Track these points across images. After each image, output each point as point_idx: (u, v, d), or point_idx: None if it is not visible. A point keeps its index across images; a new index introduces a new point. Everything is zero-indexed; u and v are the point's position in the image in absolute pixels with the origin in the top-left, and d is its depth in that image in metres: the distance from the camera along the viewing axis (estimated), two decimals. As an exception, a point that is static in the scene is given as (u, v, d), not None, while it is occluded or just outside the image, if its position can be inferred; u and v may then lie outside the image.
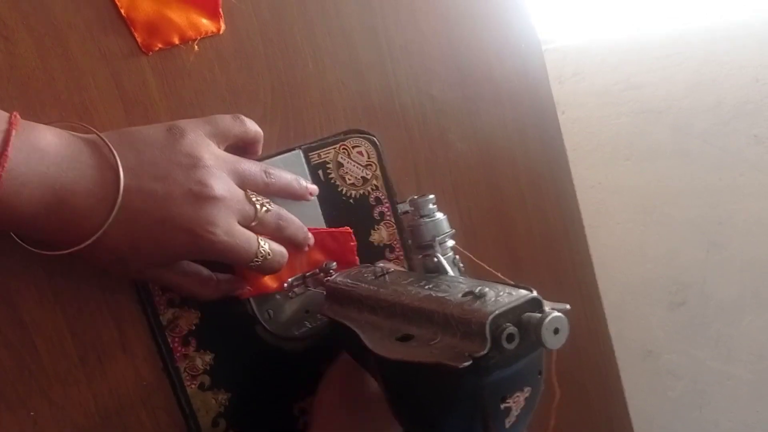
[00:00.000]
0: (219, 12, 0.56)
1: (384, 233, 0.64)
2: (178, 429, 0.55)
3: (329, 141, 0.61)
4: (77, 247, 0.43)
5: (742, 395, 0.91)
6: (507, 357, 0.37)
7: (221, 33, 0.56)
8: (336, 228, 0.60)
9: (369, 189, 0.63)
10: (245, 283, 0.55)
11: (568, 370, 0.80)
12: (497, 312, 0.37)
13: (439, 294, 0.42)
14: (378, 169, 0.63)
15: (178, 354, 0.54)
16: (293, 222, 0.54)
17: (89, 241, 0.43)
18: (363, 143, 0.63)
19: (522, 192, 0.75)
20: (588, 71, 0.97)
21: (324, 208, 0.60)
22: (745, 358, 0.89)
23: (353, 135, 0.62)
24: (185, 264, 0.51)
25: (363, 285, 0.50)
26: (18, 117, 0.41)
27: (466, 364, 0.36)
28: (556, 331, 0.36)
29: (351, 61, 0.63)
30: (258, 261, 0.50)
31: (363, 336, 0.44)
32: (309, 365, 0.60)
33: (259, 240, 0.50)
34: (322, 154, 0.61)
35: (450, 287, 0.44)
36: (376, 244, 0.64)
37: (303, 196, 0.56)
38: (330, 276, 0.56)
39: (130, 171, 0.44)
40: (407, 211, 0.61)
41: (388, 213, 0.64)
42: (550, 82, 0.78)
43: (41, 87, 0.49)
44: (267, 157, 0.57)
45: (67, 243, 0.43)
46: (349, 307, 0.50)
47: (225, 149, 0.51)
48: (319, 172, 0.60)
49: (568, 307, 0.39)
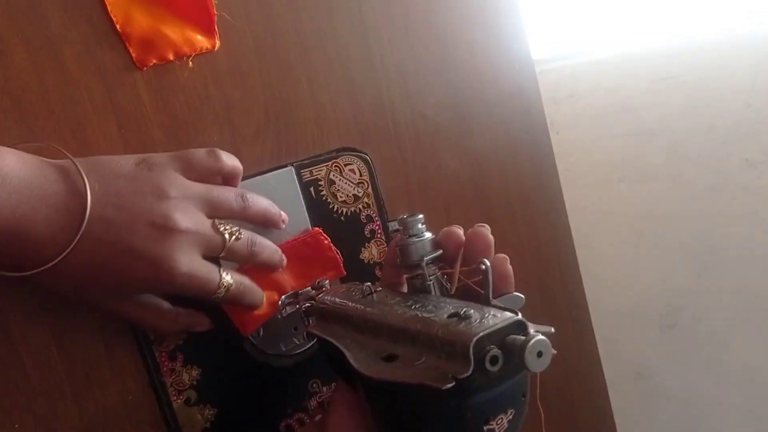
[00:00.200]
0: (214, 29, 0.56)
1: (375, 251, 0.64)
2: (163, 444, 0.55)
3: (322, 158, 0.61)
4: (33, 271, 0.42)
5: (732, 419, 0.91)
6: (491, 379, 0.37)
7: (216, 50, 0.56)
8: (304, 234, 0.60)
9: (360, 207, 0.63)
10: (234, 321, 0.54)
11: (557, 391, 0.80)
12: (481, 334, 0.37)
13: (425, 314, 0.42)
14: (370, 187, 0.64)
15: (164, 369, 0.54)
16: (267, 246, 0.54)
17: (45, 267, 0.42)
18: (355, 161, 0.63)
19: (514, 212, 0.75)
20: (583, 93, 0.98)
21: (315, 224, 0.60)
22: (736, 382, 0.89)
23: (346, 153, 0.63)
24: (144, 296, 0.50)
25: (350, 304, 0.50)
26: None
27: (449, 385, 0.36)
28: (539, 354, 0.36)
29: (345, 80, 0.63)
30: (221, 293, 0.49)
31: (348, 355, 0.44)
32: (296, 382, 0.60)
33: (221, 271, 0.50)
34: (314, 171, 0.61)
35: (436, 308, 0.43)
36: (366, 261, 0.64)
37: (276, 223, 0.56)
38: (322, 292, 0.57)
39: (94, 200, 0.43)
40: (398, 229, 0.61)
41: (379, 231, 0.64)
42: (544, 102, 0.78)
43: (35, 100, 0.49)
44: (259, 174, 0.58)
45: (24, 267, 0.42)
46: (336, 326, 0.50)
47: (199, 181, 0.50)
48: (311, 189, 0.61)
49: (552, 330, 0.40)
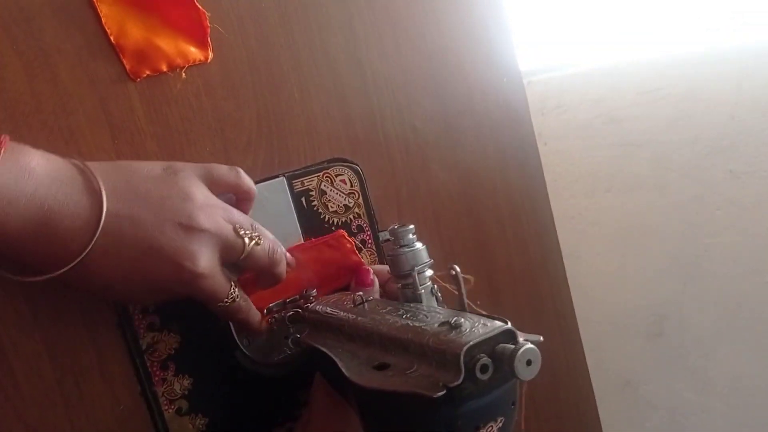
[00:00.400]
0: (207, 41, 0.57)
1: (366, 260, 0.65)
2: (154, 454, 0.55)
3: (313, 169, 0.62)
4: (60, 271, 0.43)
5: (718, 427, 0.92)
6: (481, 387, 0.38)
7: (209, 61, 0.57)
8: (328, 235, 0.61)
9: (351, 217, 0.64)
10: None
11: (545, 399, 0.80)
12: (471, 343, 0.37)
13: (416, 323, 0.43)
14: (360, 198, 0.64)
15: (156, 378, 0.54)
16: (282, 260, 0.55)
17: (72, 265, 0.43)
18: (346, 172, 0.64)
19: (502, 222, 0.76)
20: (570, 104, 0.99)
21: (306, 235, 0.61)
22: (721, 390, 0.90)
23: (337, 163, 0.63)
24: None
25: (342, 313, 0.50)
26: (7, 138, 0.41)
27: (440, 393, 0.36)
28: (528, 363, 0.37)
29: (336, 91, 0.64)
30: (227, 302, 0.51)
31: (340, 364, 0.44)
32: (287, 391, 0.60)
33: (232, 283, 0.51)
34: (305, 181, 0.61)
35: (427, 317, 0.44)
36: (357, 271, 0.64)
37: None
38: (310, 302, 0.57)
39: (121, 198, 0.45)
40: (388, 240, 0.62)
41: (369, 241, 0.65)
42: (532, 113, 0.79)
43: (29, 111, 0.49)
44: (251, 184, 0.58)
45: (51, 266, 0.44)
46: (328, 335, 0.51)
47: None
48: (303, 199, 0.61)
49: (540, 339, 0.40)
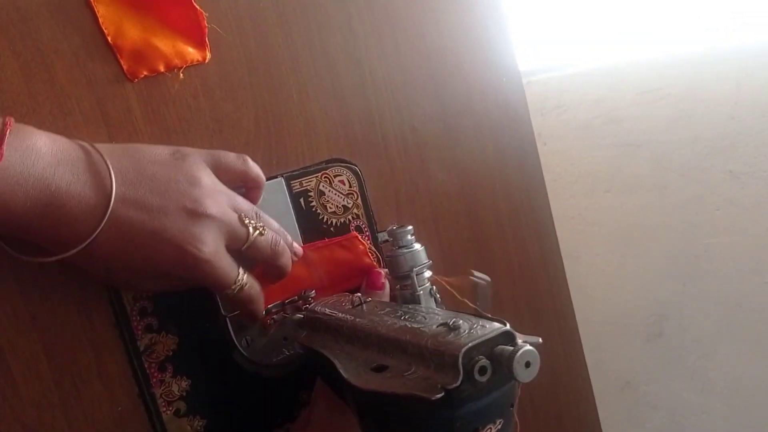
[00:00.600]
0: (205, 41, 0.56)
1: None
2: (152, 455, 0.55)
3: (311, 169, 0.62)
4: (68, 253, 0.44)
5: (718, 427, 0.92)
6: (479, 389, 0.38)
7: (207, 62, 0.57)
8: (342, 236, 0.61)
9: (350, 217, 0.64)
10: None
11: (545, 401, 0.80)
12: (470, 345, 0.37)
13: (414, 325, 0.43)
14: (359, 198, 0.64)
15: (154, 380, 0.54)
16: (286, 252, 0.55)
17: (81, 247, 0.43)
18: (345, 172, 0.63)
19: (501, 223, 0.76)
20: (570, 104, 0.99)
21: (305, 235, 0.61)
22: (720, 390, 0.90)
23: (335, 164, 0.63)
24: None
25: (340, 314, 0.50)
26: (12, 119, 0.41)
27: (438, 396, 0.36)
28: (527, 365, 0.37)
29: (335, 92, 0.64)
30: (235, 289, 0.50)
31: (339, 365, 0.44)
32: (286, 392, 0.60)
33: (240, 269, 0.51)
34: (304, 182, 0.61)
35: (425, 318, 0.44)
36: (356, 272, 0.64)
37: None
38: (309, 303, 0.57)
39: (128, 182, 0.45)
40: (387, 240, 0.61)
41: (368, 241, 0.65)
42: (532, 113, 0.79)
43: (26, 112, 0.49)
44: (249, 185, 0.58)
45: (60, 247, 0.44)
46: (326, 336, 0.51)
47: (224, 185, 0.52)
48: (301, 200, 0.61)
49: (539, 341, 0.40)
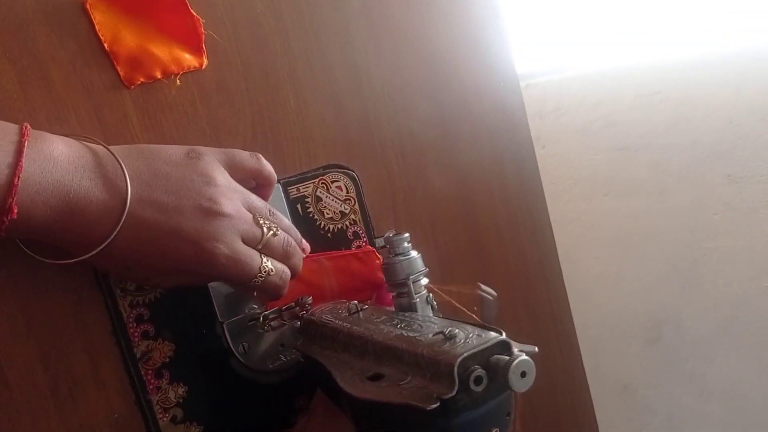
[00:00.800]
0: (202, 47, 0.56)
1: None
2: (148, 462, 0.55)
3: (308, 175, 0.62)
4: (87, 255, 0.45)
5: (716, 431, 0.92)
6: (475, 399, 0.38)
7: (203, 68, 0.57)
8: (359, 249, 0.62)
9: (347, 223, 0.64)
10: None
11: (543, 405, 0.80)
12: (465, 354, 0.37)
13: (410, 333, 0.43)
14: (356, 204, 0.64)
15: (151, 386, 0.54)
16: (298, 252, 0.55)
17: (99, 249, 0.44)
18: (342, 178, 0.63)
19: (499, 226, 0.76)
20: (568, 107, 0.99)
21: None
22: (719, 395, 0.90)
23: (332, 170, 0.63)
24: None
25: (337, 322, 0.50)
26: (29, 127, 0.42)
27: (434, 405, 0.36)
28: (523, 375, 0.36)
29: (332, 97, 0.64)
30: (261, 278, 0.50)
31: (334, 374, 0.44)
32: (283, 399, 0.60)
33: (262, 257, 0.51)
34: (301, 188, 0.61)
35: (422, 327, 0.44)
36: (353, 277, 0.64)
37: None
38: (306, 310, 0.57)
39: (143, 183, 0.46)
40: (384, 246, 0.61)
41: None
42: (530, 117, 0.79)
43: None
44: (246, 191, 0.58)
45: (79, 250, 0.45)
46: (323, 344, 0.51)
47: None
48: (298, 206, 0.61)
49: (536, 350, 0.40)
